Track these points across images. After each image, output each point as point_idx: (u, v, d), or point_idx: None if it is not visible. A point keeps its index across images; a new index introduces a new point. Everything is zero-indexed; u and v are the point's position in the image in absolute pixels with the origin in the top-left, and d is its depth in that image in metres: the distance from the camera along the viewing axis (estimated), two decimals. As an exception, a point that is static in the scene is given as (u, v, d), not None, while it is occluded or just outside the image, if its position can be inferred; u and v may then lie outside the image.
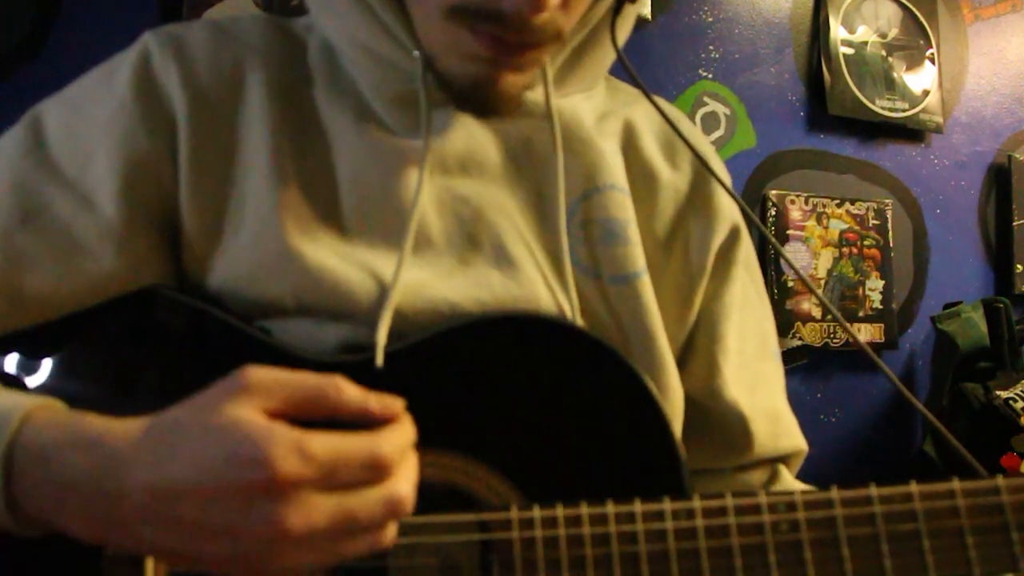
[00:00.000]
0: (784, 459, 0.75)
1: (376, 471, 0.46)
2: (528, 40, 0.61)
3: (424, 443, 0.56)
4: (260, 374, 0.46)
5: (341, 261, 0.62)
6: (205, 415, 0.45)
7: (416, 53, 0.64)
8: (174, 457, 0.45)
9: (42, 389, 0.58)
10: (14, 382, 0.58)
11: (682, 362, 0.72)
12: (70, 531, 0.47)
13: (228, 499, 0.43)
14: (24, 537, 0.49)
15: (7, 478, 0.47)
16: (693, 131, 0.78)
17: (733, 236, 0.75)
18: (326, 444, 0.45)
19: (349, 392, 0.47)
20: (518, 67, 0.63)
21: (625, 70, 0.70)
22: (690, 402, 0.71)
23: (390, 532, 0.47)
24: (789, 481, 0.75)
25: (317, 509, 0.44)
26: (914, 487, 0.53)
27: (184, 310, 0.61)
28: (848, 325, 0.79)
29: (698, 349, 0.73)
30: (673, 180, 0.73)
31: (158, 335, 0.61)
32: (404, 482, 0.47)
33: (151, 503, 0.44)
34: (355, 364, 0.58)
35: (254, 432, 0.44)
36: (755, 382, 0.74)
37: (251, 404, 0.45)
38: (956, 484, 0.54)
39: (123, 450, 0.46)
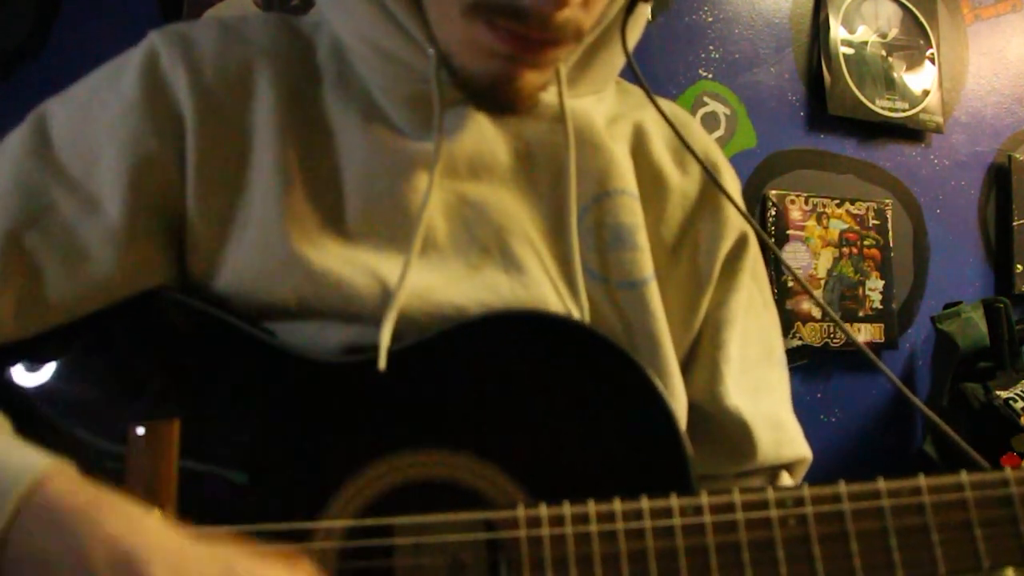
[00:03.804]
0: (787, 467, 0.75)
1: None
2: (549, 37, 0.60)
3: (430, 442, 0.56)
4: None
5: (346, 265, 0.61)
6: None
7: (430, 51, 0.64)
8: None
9: (49, 393, 0.58)
10: (27, 396, 0.58)
11: (686, 368, 0.72)
12: None
13: None
14: None
15: (5, 534, 0.46)
16: (702, 136, 0.77)
17: (741, 243, 0.74)
18: None
19: None
20: (537, 65, 0.63)
21: (633, 74, 0.69)
22: (693, 408, 0.71)
23: None
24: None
25: None
26: (922, 480, 0.53)
27: (189, 312, 0.61)
28: (846, 327, 0.78)
29: (701, 355, 0.73)
30: (682, 185, 0.73)
31: (163, 337, 0.61)
32: None
33: None
34: (358, 364, 0.58)
35: None
36: (758, 389, 0.74)
37: None
38: (964, 477, 0.53)
39: (154, 546, 0.46)
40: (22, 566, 0.46)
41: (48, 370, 0.59)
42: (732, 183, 0.76)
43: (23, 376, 0.59)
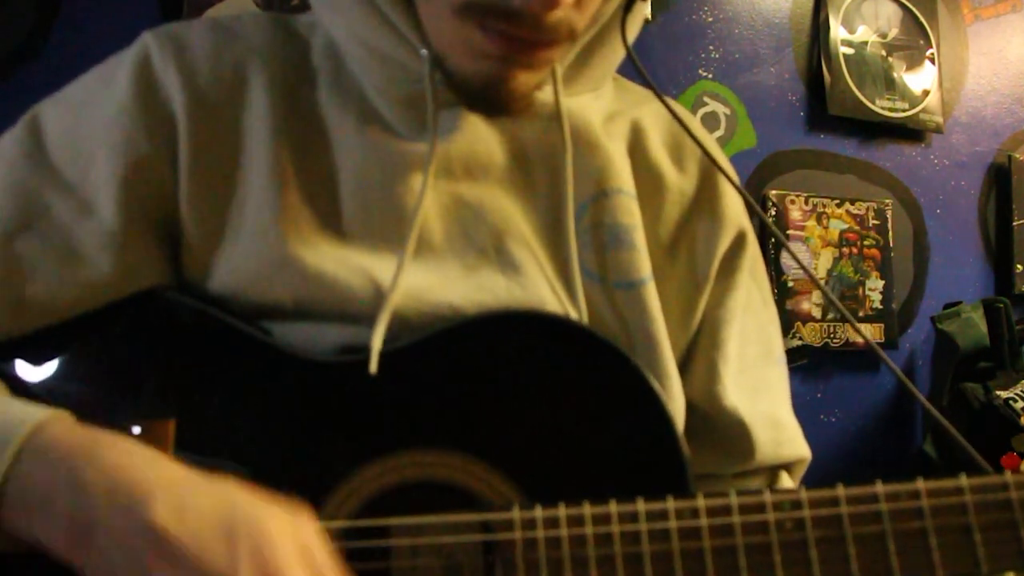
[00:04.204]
0: (786, 467, 0.75)
1: None
2: (541, 38, 0.60)
3: (425, 443, 0.56)
4: (309, 541, 0.48)
5: (341, 266, 0.61)
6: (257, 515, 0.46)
7: (424, 52, 0.63)
8: (200, 531, 0.45)
9: (46, 392, 0.58)
10: (24, 389, 0.58)
11: (684, 368, 0.72)
12: (44, 536, 0.47)
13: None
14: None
15: (5, 476, 0.48)
16: (702, 134, 0.77)
17: (739, 242, 0.74)
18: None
19: None
20: (530, 66, 0.62)
21: (636, 70, 0.69)
22: (691, 408, 0.71)
23: None
24: (789, 486, 0.74)
25: None
26: (921, 484, 0.53)
27: (184, 311, 0.61)
28: (853, 319, 0.77)
29: (699, 355, 0.72)
30: (679, 183, 0.73)
31: (159, 337, 0.61)
32: None
33: (152, 541, 0.44)
34: (353, 364, 0.58)
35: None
36: (756, 388, 0.73)
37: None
38: (963, 481, 0.53)
39: (155, 479, 0.47)
40: (26, 503, 0.47)
41: (44, 370, 0.59)
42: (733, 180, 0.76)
43: (19, 375, 0.59)
